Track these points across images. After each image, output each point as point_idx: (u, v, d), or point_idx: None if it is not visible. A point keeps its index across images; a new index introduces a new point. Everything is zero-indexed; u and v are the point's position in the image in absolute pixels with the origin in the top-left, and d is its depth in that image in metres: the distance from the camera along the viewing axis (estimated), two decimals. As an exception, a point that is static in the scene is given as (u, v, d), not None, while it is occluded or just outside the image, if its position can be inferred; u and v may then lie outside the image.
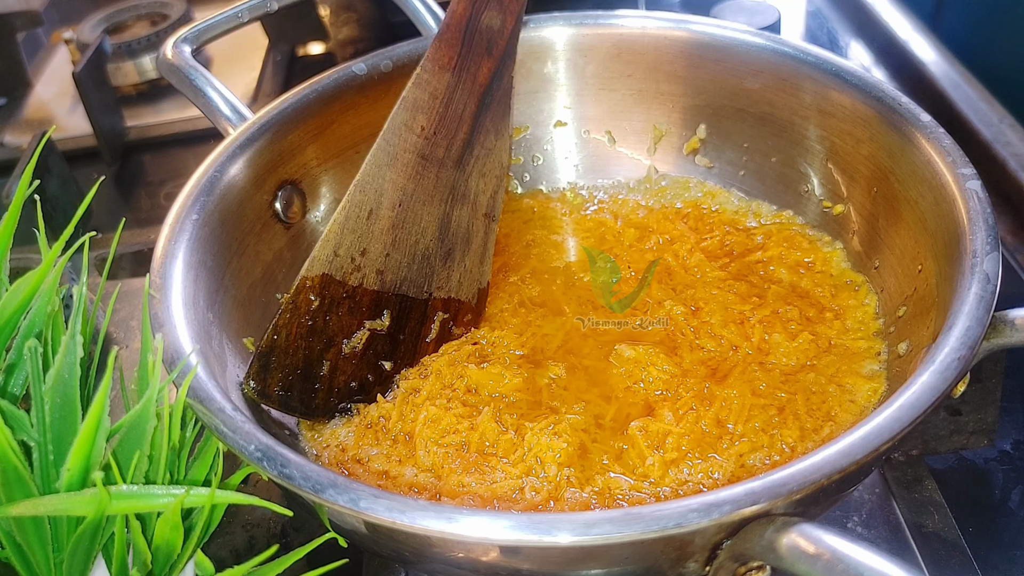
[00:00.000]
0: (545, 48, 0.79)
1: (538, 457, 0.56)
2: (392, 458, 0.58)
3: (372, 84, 0.74)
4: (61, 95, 1.22)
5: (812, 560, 0.37)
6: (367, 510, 0.41)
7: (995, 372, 0.59)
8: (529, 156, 0.83)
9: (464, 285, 0.69)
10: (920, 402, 0.44)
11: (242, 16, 0.74)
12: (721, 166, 0.78)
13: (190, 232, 0.59)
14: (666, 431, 0.57)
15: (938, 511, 0.59)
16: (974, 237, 0.52)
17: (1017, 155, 0.84)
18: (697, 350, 0.64)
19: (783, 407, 0.59)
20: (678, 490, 0.54)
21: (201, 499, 0.43)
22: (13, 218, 0.50)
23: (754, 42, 0.73)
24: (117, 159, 1.08)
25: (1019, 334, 0.48)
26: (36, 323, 0.48)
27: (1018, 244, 0.79)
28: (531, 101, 0.81)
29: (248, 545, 0.63)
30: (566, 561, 0.44)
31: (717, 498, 0.40)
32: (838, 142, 0.69)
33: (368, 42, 1.25)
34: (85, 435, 0.41)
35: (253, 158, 0.67)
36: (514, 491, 0.55)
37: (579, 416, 0.59)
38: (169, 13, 1.23)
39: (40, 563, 0.43)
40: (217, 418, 0.47)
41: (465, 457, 0.57)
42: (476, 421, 0.59)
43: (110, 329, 0.82)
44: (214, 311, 0.59)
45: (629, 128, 0.81)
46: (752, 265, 0.70)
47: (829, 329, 0.64)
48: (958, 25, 1.13)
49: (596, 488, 0.55)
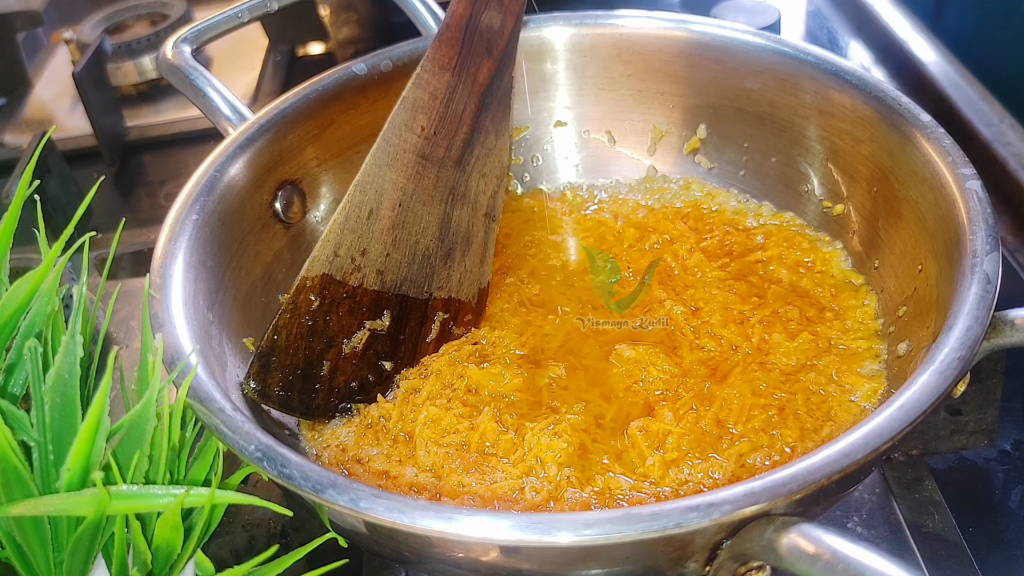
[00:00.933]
0: (545, 48, 0.79)
1: (538, 457, 0.56)
2: (392, 458, 0.58)
3: (372, 84, 0.74)
4: (61, 95, 1.22)
5: (812, 560, 0.37)
6: (367, 510, 0.41)
7: (995, 372, 0.59)
8: (529, 156, 0.83)
9: (464, 285, 0.69)
10: (920, 402, 0.44)
11: (242, 16, 0.74)
12: (721, 166, 0.78)
13: (190, 232, 0.59)
14: (666, 431, 0.57)
15: (938, 511, 0.59)
16: (974, 237, 0.52)
17: (1017, 155, 0.84)
18: (697, 350, 0.64)
19: (783, 407, 0.59)
20: (678, 490, 0.54)
21: (201, 499, 0.43)
22: (13, 218, 0.50)
23: (754, 42, 0.73)
24: (117, 159, 1.08)
25: (1019, 334, 0.48)
26: (36, 323, 0.48)
27: (1018, 244, 0.79)
28: (531, 101, 0.81)
29: (248, 545, 0.63)
30: (566, 561, 0.44)
31: (717, 498, 0.40)
32: (838, 142, 0.69)
33: (368, 42, 1.25)
34: (85, 435, 0.41)
35: (253, 158, 0.67)
36: (514, 491, 0.55)
37: (579, 416, 0.59)
38: (169, 13, 1.23)
39: (40, 563, 0.43)
40: (217, 418, 0.47)
41: (465, 457, 0.57)
42: (476, 421, 0.59)
43: (110, 329, 0.82)
44: (214, 311, 0.59)
45: (629, 128, 0.81)
46: (752, 265, 0.70)
47: (829, 329, 0.64)
48: (958, 25, 1.13)
49: (596, 488, 0.55)
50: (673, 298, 0.67)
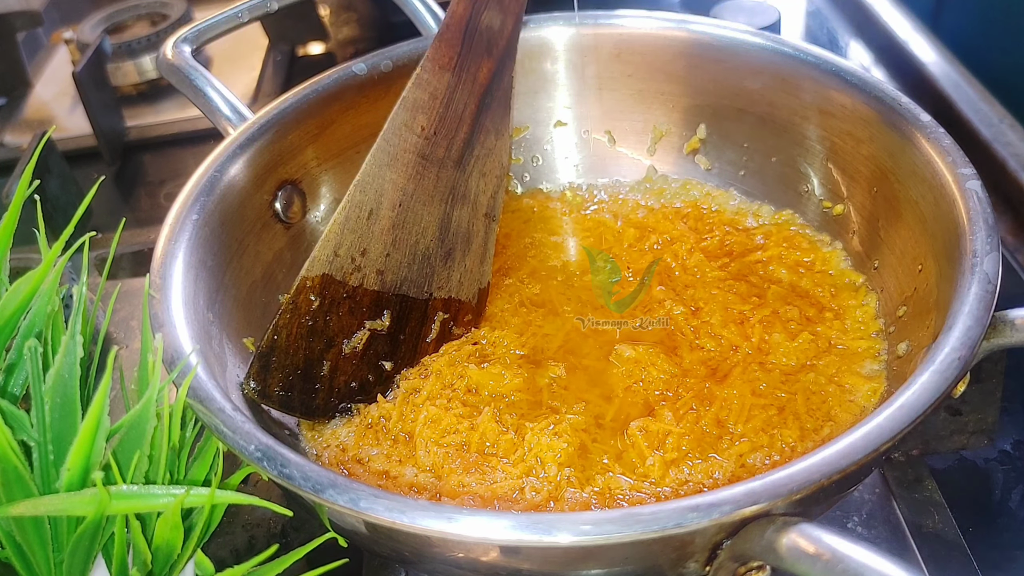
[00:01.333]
0: (545, 48, 0.79)
1: (538, 457, 0.56)
2: (392, 458, 0.58)
3: (372, 84, 0.74)
4: (61, 95, 1.22)
5: (812, 560, 0.37)
6: (367, 510, 0.41)
7: (995, 372, 0.59)
8: (529, 156, 0.83)
9: (464, 285, 0.69)
10: (920, 402, 0.44)
11: (242, 16, 0.74)
12: (721, 166, 0.78)
13: (190, 232, 0.59)
14: (666, 431, 0.57)
15: (938, 511, 0.59)
16: (974, 237, 0.52)
17: (1017, 155, 0.84)
18: (697, 350, 0.64)
19: (783, 407, 0.59)
20: (679, 490, 0.54)
21: (201, 499, 0.43)
22: (13, 218, 0.50)
23: (754, 42, 0.73)
24: (117, 159, 1.08)
25: (1019, 334, 0.48)
26: (36, 323, 0.48)
27: (1018, 244, 0.79)
28: (531, 101, 0.81)
29: (248, 545, 0.63)
30: (566, 561, 0.44)
31: (717, 498, 0.40)
32: (838, 142, 0.69)
33: (368, 42, 1.25)
34: (85, 435, 0.41)
35: (253, 158, 0.67)
36: (514, 491, 0.55)
37: (579, 416, 0.59)
38: (169, 13, 1.23)
39: (40, 563, 0.43)
40: (217, 418, 0.47)
41: (465, 457, 0.57)
42: (476, 421, 0.59)
43: (110, 329, 0.82)
44: (214, 311, 0.59)
45: (629, 128, 0.81)
46: (752, 265, 0.70)
47: (829, 329, 0.64)
48: (958, 25, 1.13)
49: (596, 488, 0.55)
50: (673, 298, 0.67)
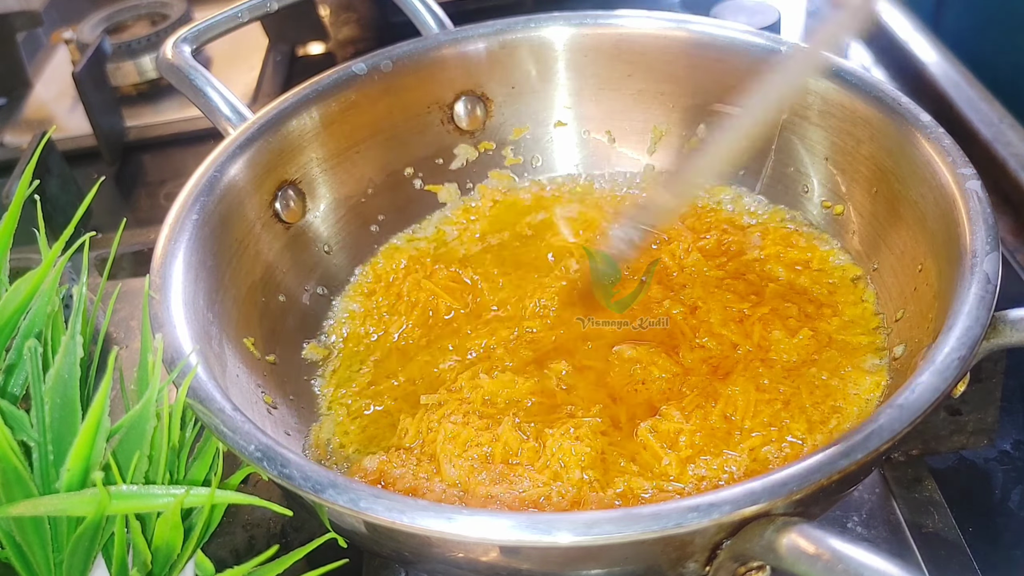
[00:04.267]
0: (545, 48, 0.79)
1: (561, 462, 0.56)
2: (419, 476, 0.57)
3: (372, 84, 0.74)
4: (61, 95, 1.22)
5: (812, 560, 0.37)
6: (367, 510, 0.41)
7: (995, 372, 0.59)
8: (529, 156, 0.83)
9: None
10: (920, 402, 0.44)
11: (242, 16, 0.74)
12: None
13: (190, 232, 0.59)
14: (678, 429, 0.57)
15: (938, 511, 0.59)
16: (974, 237, 0.52)
17: (1017, 155, 0.84)
18: (697, 349, 0.63)
19: (788, 401, 0.59)
20: (699, 486, 0.54)
21: (201, 499, 0.43)
22: (13, 218, 0.50)
23: (754, 42, 0.73)
24: (117, 159, 1.08)
25: (1019, 334, 0.48)
26: (36, 323, 0.48)
27: (1018, 244, 0.79)
28: (531, 101, 0.81)
29: (248, 545, 0.63)
30: (566, 561, 0.44)
31: (717, 498, 0.40)
32: (838, 142, 0.69)
33: (368, 42, 1.25)
34: (85, 435, 0.41)
35: (253, 158, 0.67)
36: (541, 497, 0.54)
37: (596, 419, 0.59)
38: (169, 13, 1.23)
39: (40, 563, 0.43)
40: (217, 418, 0.47)
41: (491, 468, 0.56)
42: (498, 431, 0.58)
43: (110, 329, 0.82)
44: (214, 311, 0.59)
45: (629, 128, 0.81)
46: (750, 264, 0.70)
47: (828, 325, 0.64)
48: (958, 25, 1.13)
49: (618, 490, 0.54)
50: (671, 298, 0.67)
